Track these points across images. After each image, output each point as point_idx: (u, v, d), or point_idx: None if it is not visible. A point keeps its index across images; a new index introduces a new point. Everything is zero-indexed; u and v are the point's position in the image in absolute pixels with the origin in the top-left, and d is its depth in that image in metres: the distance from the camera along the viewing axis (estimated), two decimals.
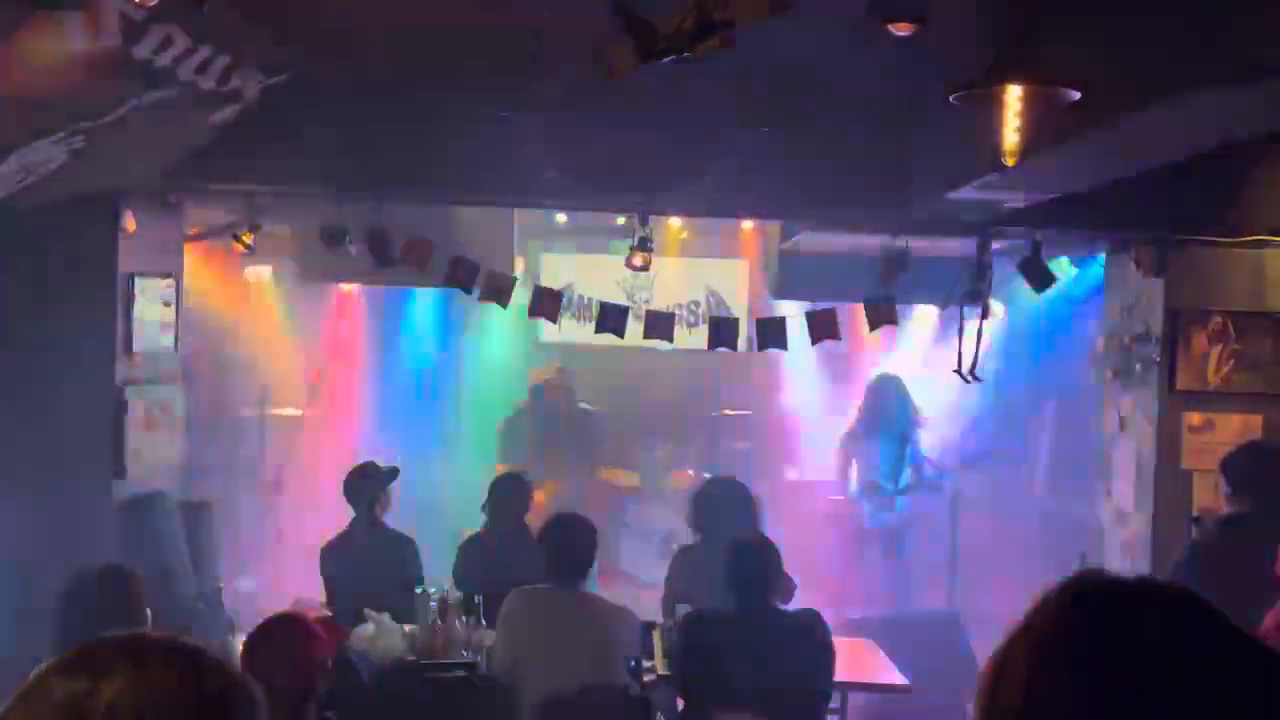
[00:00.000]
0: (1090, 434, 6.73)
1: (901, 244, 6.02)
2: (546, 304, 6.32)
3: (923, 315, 8.91)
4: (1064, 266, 7.24)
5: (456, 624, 5.22)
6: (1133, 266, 6.01)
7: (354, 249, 6.02)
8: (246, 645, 3.59)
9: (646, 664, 5.12)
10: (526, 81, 4.85)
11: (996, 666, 1.21)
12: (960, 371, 5.96)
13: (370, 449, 8.89)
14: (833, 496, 8.51)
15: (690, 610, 4.98)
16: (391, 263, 5.96)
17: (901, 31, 3.45)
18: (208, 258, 7.72)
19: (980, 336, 5.89)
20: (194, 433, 6.76)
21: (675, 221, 8.56)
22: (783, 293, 8.25)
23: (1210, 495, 5.49)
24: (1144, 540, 5.87)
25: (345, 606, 5.58)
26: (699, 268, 10.07)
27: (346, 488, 5.94)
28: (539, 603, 4.90)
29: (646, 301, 9.26)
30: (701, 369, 9.87)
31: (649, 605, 5.83)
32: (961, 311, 5.96)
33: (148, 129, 4.36)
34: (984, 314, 5.95)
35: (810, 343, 6.34)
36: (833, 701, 5.15)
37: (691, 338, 9.19)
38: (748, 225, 8.96)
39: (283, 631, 3.60)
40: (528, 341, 9.93)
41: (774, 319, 6.42)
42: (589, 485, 9.35)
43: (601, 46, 3.09)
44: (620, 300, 6.79)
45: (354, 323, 9.71)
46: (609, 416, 9.80)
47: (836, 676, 4.77)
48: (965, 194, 5.15)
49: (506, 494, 6.23)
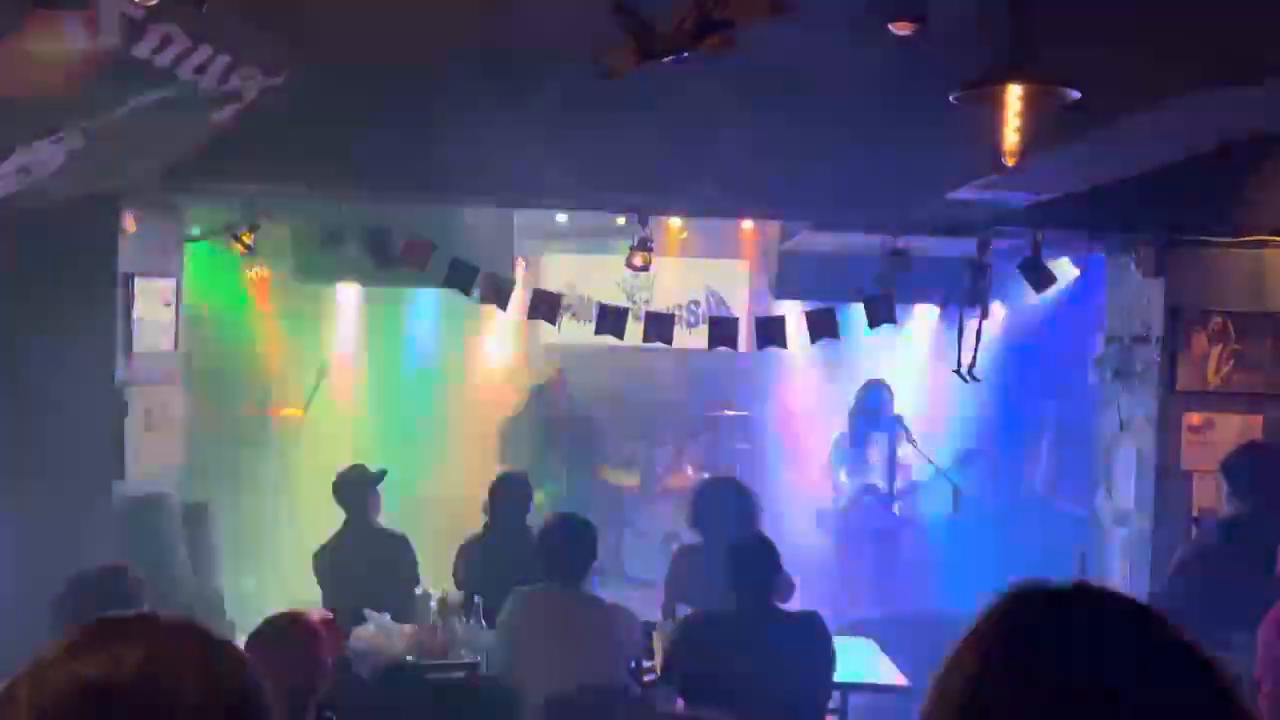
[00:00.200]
0: (1090, 434, 6.73)
1: (901, 244, 6.03)
2: (545, 306, 6.33)
3: (923, 315, 8.91)
4: (1064, 266, 7.24)
5: (456, 624, 5.22)
6: (1133, 266, 6.01)
7: (354, 249, 6.03)
8: (247, 645, 3.58)
9: (646, 664, 5.12)
10: (526, 82, 4.85)
11: (943, 670, 1.25)
12: (960, 371, 5.96)
13: (370, 449, 8.89)
14: (832, 497, 8.51)
15: (690, 612, 4.98)
16: (391, 263, 5.97)
17: (901, 31, 3.45)
18: (208, 258, 7.72)
19: (980, 336, 5.89)
20: (194, 433, 6.76)
21: (675, 221, 8.55)
22: (783, 293, 8.25)
23: (1210, 495, 5.49)
24: (1144, 540, 5.87)
25: (343, 608, 5.58)
26: (699, 268, 10.07)
27: (336, 491, 5.95)
28: (539, 603, 4.90)
29: (646, 301, 9.27)
30: (701, 369, 9.86)
31: (649, 605, 5.83)
32: (961, 311, 5.96)
33: (148, 129, 4.36)
34: (984, 314, 5.95)
35: (810, 342, 6.34)
36: (833, 701, 5.15)
37: (691, 338, 9.18)
38: (748, 225, 8.95)
39: (283, 631, 3.59)
40: (528, 342, 9.93)
41: (774, 319, 6.42)
42: (589, 485, 9.35)
43: (601, 46, 3.09)
44: (620, 300, 6.79)
45: (354, 323, 9.71)
46: (609, 416, 9.80)
47: (836, 676, 4.77)
48: (965, 194, 5.15)
49: (506, 494, 6.22)
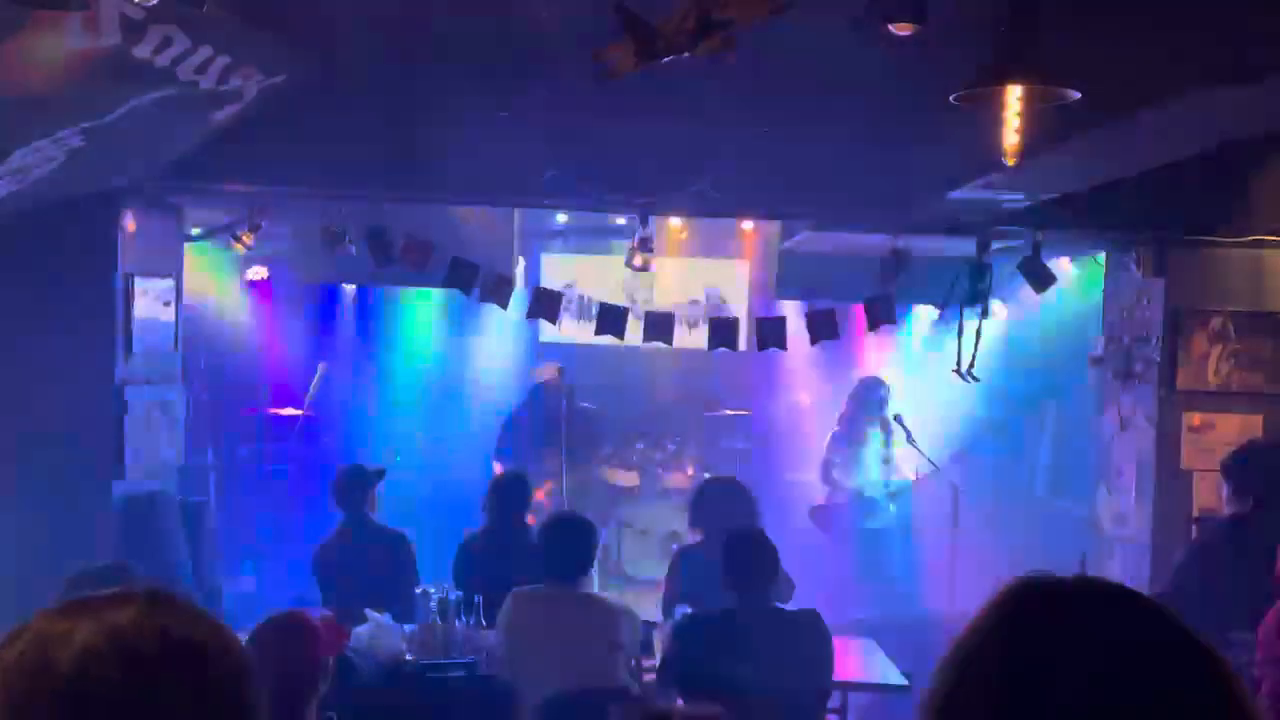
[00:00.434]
0: (1090, 434, 6.73)
1: (901, 244, 6.02)
2: (546, 304, 6.33)
3: (923, 315, 8.91)
4: (1064, 266, 7.24)
5: (456, 624, 5.21)
6: (1133, 266, 6.01)
7: (354, 249, 6.03)
8: (247, 645, 3.58)
9: (646, 664, 5.12)
10: (526, 82, 4.85)
11: (943, 661, 1.25)
12: (959, 371, 5.96)
13: (370, 449, 8.89)
14: (832, 496, 8.51)
15: (688, 612, 4.98)
16: (391, 263, 5.96)
17: (901, 31, 3.45)
18: (208, 258, 7.72)
19: (979, 336, 5.89)
20: (194, 433, 6.76)
21: (675, 221, 8.55)
22: (783, 293, 8.25)
23: (1210, 495, 5.49)
24: (1144, 540, 5.87)
25: (343, 607, 5.57)
26: (699, 268, 10.06)
27: (335, 490, 5.95)
28: (539, 603, 4.90)
29: (646, 301, 9.26)
30: (701, 369, 9.86)
31: (649, 605, 5.83)
32: (961, 311, 5.95)
33: (148, 129, 4.36)
34: (984, 314, 5.95)
35: (810, 343, 6.34)
36: (833, 701, 5.15)
37: (691, 338, 9.18)
38: (748, 225, 8.95)
39: (283, 631, 3.59)
40: (528, 341, 9.92)
41: (774, 319, 6.41)
42: (589, 485, 9.35)
43: (601, 46, 3.09)
44: (620, 300, 6.79)
45: (354, 323, 9.71)
46: (609, 416, 9.79)
47: (836, 676, 4.77)
48: (965, 194, 5.15)
49: (506, 494, 6.22)
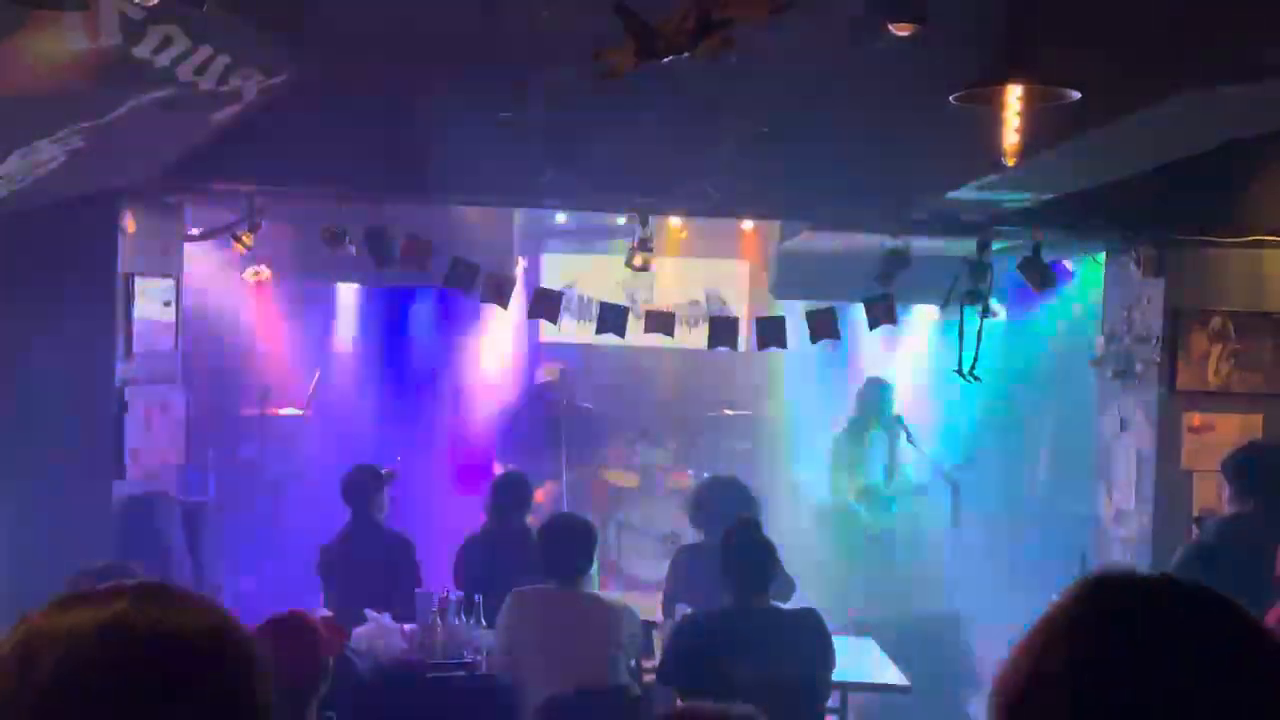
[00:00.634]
0: (1090, 434, 6.72)
1: (901, 244, 6.02)
2: (546, 304, 6.32)
3: (923, 315, 8.90)
4: (1064, 266, 7.23)
5: (456, 624, 5.22)
6: (1133, 266, 6.01)
7: (354, 249, 6.02)
8: None
9: (646, 664, 5.12)
10: (526, 81, 4.84)
11: (1014, 655, 1.21)
12: (960, 371, 5.96)
13: (370, 449, 8.87)
14: (832, 497, 8.51)
15: (687, 612, 4.98)
16: (391, 263, 5.96)
17: (901, 31, 3.45)
18: (208, 258, 7.71)
19: (979, 337, 5.89)
20: (194, 433, 6.76)
21: (675, 221, 8.55)
22: (783, 293, 8.24)
23: (1210, 495, 5.49)
24: (1144, 540, 5.86)
25: (344, 607, 5.57)
26: (699, 268, 10.06)
27: (344, 489, 5.96)
28: (539, 603, 4.90)
29: (646, 301, 9.25)
30: (701, 369, 9.86)
31: (649, 605, 5.83)
32: (961, 311, 5.95)
33: (148, 129, 4.36)
34: (984, 314, 5.94)
35: (810, 342, 6.34)
36: (833, 701, 5.15)
37: (691, 338, 9.18)
38: (748, 225, 8.95)
39: (284, 631, 3.59)
40: (528, 341, 9.92)
41: (774, 319, 6.41)
42: (589, 485, 9.35)
43: (601, 46, 3.09)
44: (620, 300, 6.79)
45: (354, 323, 9.71)
46: (609, 416, 9.79)
47: (836, 676, 4.77)
48: (965, 194, 5.15)
49: (507, 494, 6.23)
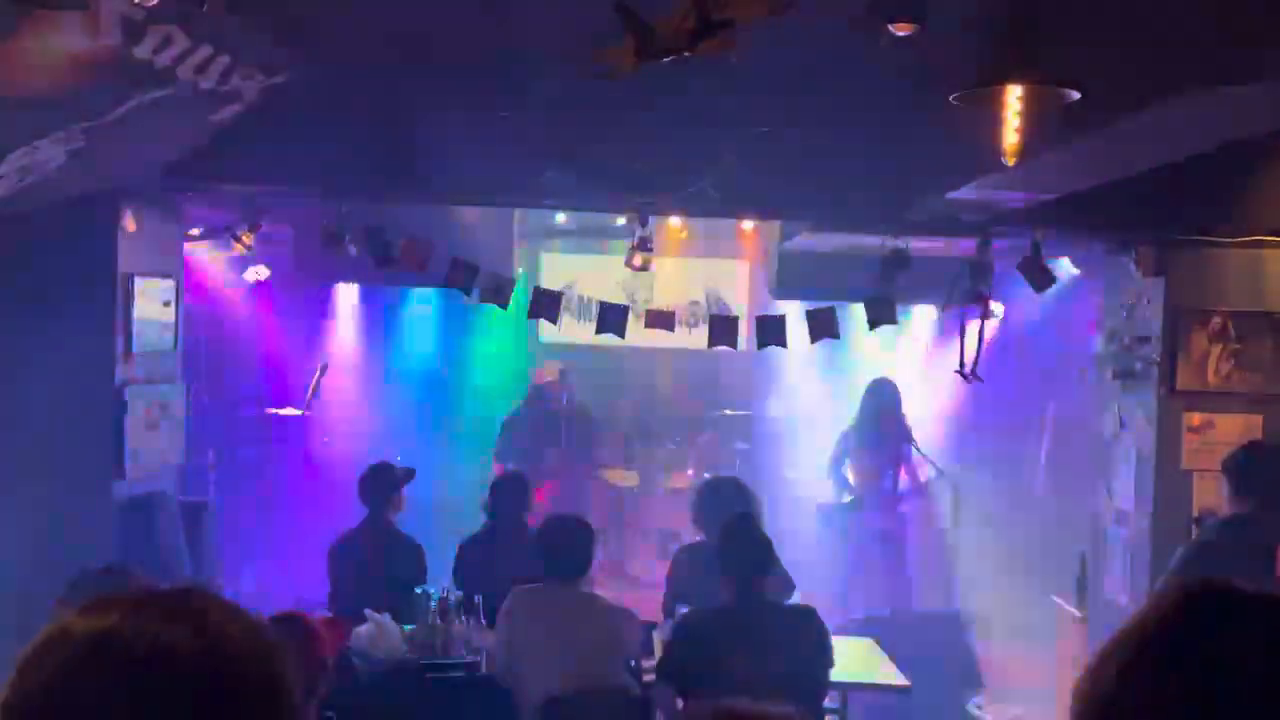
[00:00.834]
0: (1090, 434, 6.73)
1: (901, 244, 6.02)
2: (546, 304, 6.32)
3: (923, 315, 8.91)
4: (1064, 266, 7.23)
5: (456, 624, 5.22)
6: (1133, 266, 6.01)
7: (354, 249, 6.02)
8: None
9: (646, 664, 5.12)
10: (526, 81, 4.84)
11: (1100, 658, 1.19)
12: (961, 371, 5.96)
13: (369, 449, 8.87)
14: (833, 497, 8.51)
15: (686, 610, 4.98)
16: (391, 263, 5.96)
17: (901, 31, 3.45)
18: (208, 258, 7.72)
19: (981, 336, 5.89)
20: (194, 433, 6.76)
21: (675, 221, 8.55)
22: (783, 293, 8.24)
23: (1210, 495, 5.49)
24: (1144, 540, 5.86)
25: (346, 605, 5.58)
26: (699, 268, 10.07)
27: (360, 486, 5.94)
28: (539, 602, 4.90)
29: (646, 301, 9.27)
30: (701, 369, 9.87)
31: (649, 605, 5.83)
32: (962, 311, 5.95)
33: (148, 129, 4.36)
34: (984, 314, 5.94)
35: (810, 342, 6.34)
36: (833, 701, 5.15)
37: (691, 338, 9.18)
38: (748, 225, 8.95)
39: (284, 631, 3.59)
40: (527, 341, 9.93)
41: (774, 318, 6.41)
42: (589, 485, 9.35)
43: (601, 46, 3.09)
44: (620, 300, 6.79)
45: (354, 323, 9.71)
46: (609, 416, 9.80)
47: (836, 677, 4.77)
48: (965, 194, 5.14)
49: (506, 494, 6.23)
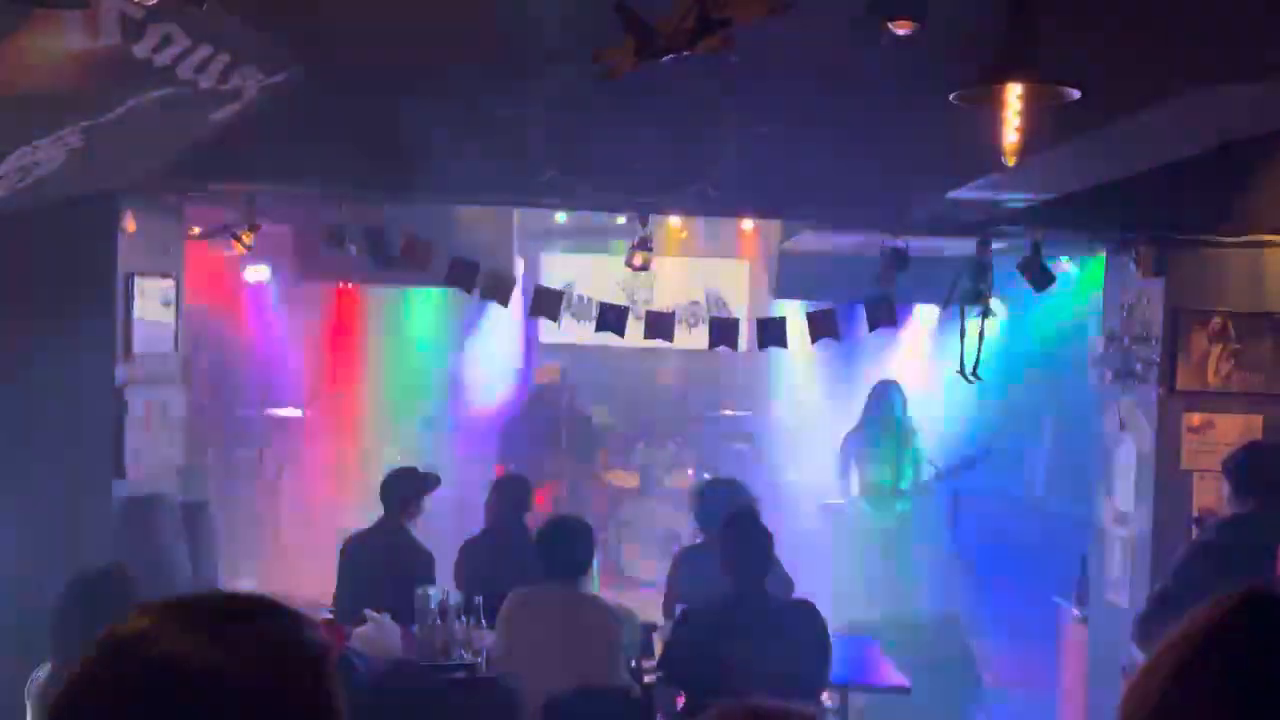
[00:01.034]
0: (1090, 434, 6.73)
1: (901, 244, 6.02)
2: (546, 304, 6.32)
3: (923, 315, 8.91)
4: (1064, 266, 7.23)
5: (456, 624, 5.22)
6: (1133, 266, 6.01)
7: (354, 249, 6.02)
8: None
9: (646, 664, 5.12)
10: (526, 81, 4.84)
11: (1153, 659, 1.20)
12: (961, 371, 5.96)
13: (369, 449, 8.88)
14: (833, 497, 8.51)
15: (686, 607, 4.99)
16: (391, 263, 5.96)
17: (901, 31, 3.44)
18: (208, 258, 7.72)
19: (981, 336, 5.89)
20: (194, 433, 6.76)
21: (675, 221, 8.55)
22: (783, 293, 8.25)
23: (1210, 495, 5.49)
24: (1144, 540, 5.86)
25: (345, 606, 5.58)
26: (699, 268, 10.07)
27: (383, 487, 5.93)
28: (539, 603, 4.90)
29: (646, 301, 9.27)
30: (701, 369, 9.87)
31: (649, 605, 5.83)
32: (961, 311, 5.95)
33: (148, 129, 4.36)
34: (984, 314, 5.94)
35: (810, 342, 6.34)
36: (833, 701, 5.15)
37: (691, 338, 9.18)
38: (748, 225, 8.95)
39: None
40: (527, 342, 9.93)
41: (774, 319, 6.41)
42: (589, 485, 9.35)
43: (601, 46, 3.09)
44: (620, 300, 6.79)
45: (354, 323, 9.71)
46: (609, 417, 9.80)
47: (836, 677, 4.77)
48: (965, 194, 5.14)
49: (507, 495, 6.23)
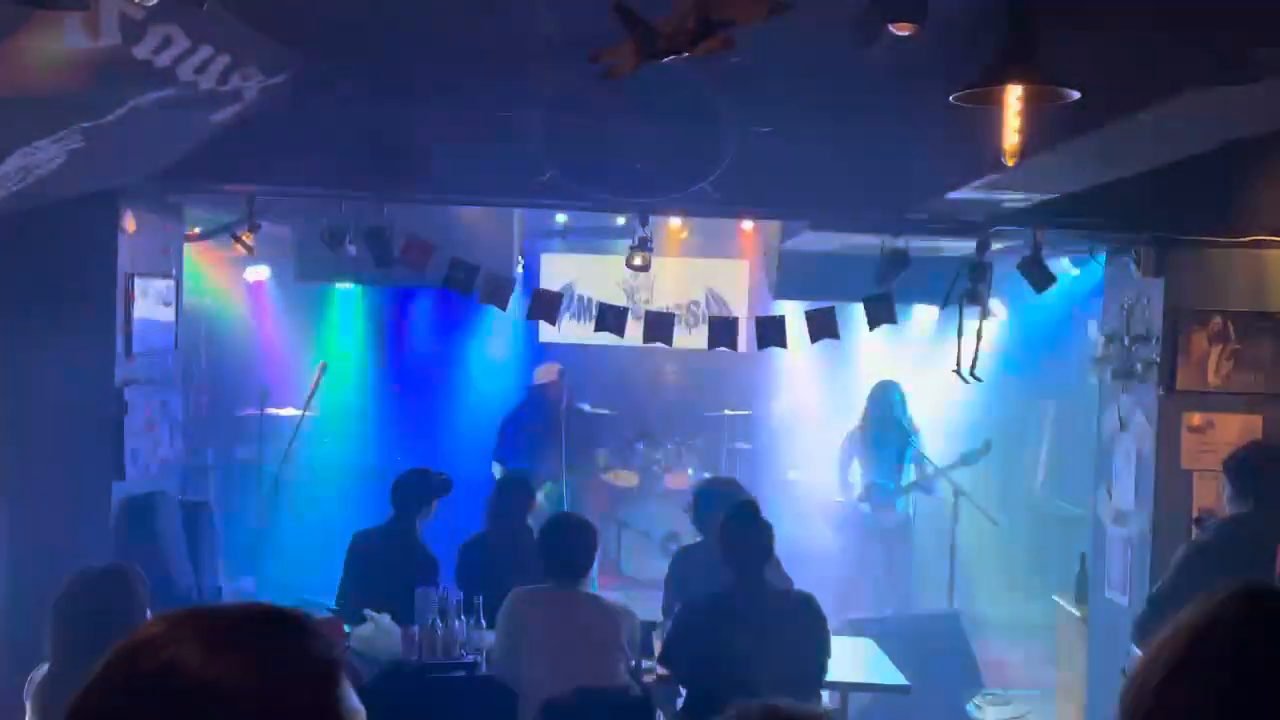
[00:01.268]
0: (1090, 434, 6.73)
1: (901, 244, 6.02)
2: (545, 305, 6.32)
3: (923, 315, 8.90)
4: (1064, 266, 7.23)
5: (456, 624, 5.22)
6: (1133, 266, 6.01)
7: (354, 249, 6.02)
8: None
9: (646, 664, 5.12)
10: (526, 82, 4.85)
11: (1149, 656, 1.19)
12: (960, 371, 5.96)
13: (369, 449, 8.88)
14: (834, 497, 8.51)
15: (686, 600, 5.00)
16: (391, 263, 5.96)
17: (901, 31, 3.45)
18: (208, 258, 7.72)
19: (980, 336, 5.89)
20: (194, 433, 6.76)
21: (675, 221, 8.55)
22: (783, 293, 8.25)
23: (1210, 495, 5.49)
24: (1144, 540, 5.86)
25: (349, 602, 5.59)
26: (699, 268, 10.06)
27: (394, 488, 5.92)
28: (539, 603, 4.90)
29: (646, 301, 9.26)
30: (701, 369, 9.87)
31: (649, 605, 5.83)
32: (961, 311, 5.95)
33: (148, 129, 4.36)
34: (984, 314, 5.95)
35: (810, 342, 6.35)
36: (833, 701, 5.15)
37: (691, 338, 9.18)
38: (748, 225, 8.95)
39: None
40: (527, 341, 9.93)
41: (774, 318, 6.41)
42: (589, 485, 9.35)
43: (601, 46, 3.09)
44: (620, 300, 6.79)
45: (353, 323, 9.71)
46: (609, 416, 9.80)
47: (837, 677, 4.77)
48: (965, 194, 5.14)
49: (507, 495, 6.23)
